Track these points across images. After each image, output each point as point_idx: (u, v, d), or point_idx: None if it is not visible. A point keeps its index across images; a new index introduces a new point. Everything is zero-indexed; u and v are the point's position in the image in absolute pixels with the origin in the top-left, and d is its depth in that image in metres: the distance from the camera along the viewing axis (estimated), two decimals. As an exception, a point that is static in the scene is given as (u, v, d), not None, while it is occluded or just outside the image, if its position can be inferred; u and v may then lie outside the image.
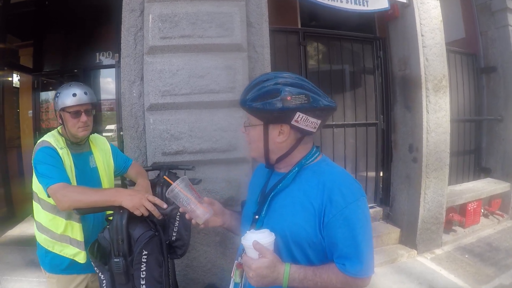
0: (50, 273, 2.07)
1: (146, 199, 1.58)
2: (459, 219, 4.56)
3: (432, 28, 4.03)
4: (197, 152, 2.89)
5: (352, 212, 1.13)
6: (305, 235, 1.16)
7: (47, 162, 1.88)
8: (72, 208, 1.72)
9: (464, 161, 5.43)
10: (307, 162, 1.27)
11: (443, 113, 4.08)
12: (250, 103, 1.20)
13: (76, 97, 2.00)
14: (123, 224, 1.52)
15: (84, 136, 2.10)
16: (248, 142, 1.31)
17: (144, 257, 1.51)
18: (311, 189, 1.19)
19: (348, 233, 1.12)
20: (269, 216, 1.25)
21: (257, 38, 3.08)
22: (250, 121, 1.27)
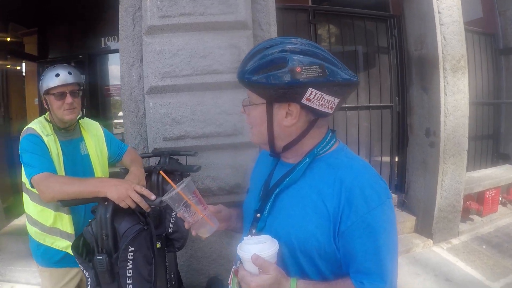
0: (42, 267, 1.98)
1: (133, 190, 1.41)
2: (476, 208, 4.39)
3: (449, 5, 3.81)
4: (200, 137, 2.73)
5: (375, 219, 0.90)
6: (316, 244, 0.94)
7: (31, 150, 1.76)
8: (56, 200, 1.59)
9: (482, 147, 5.24)
10: (321, 152, 1.03)
11: (461, 95, 3.88)
12: (249, 76, 0.95)
13: (59, 77, 1.86)
14: (108, 218, 1.36)
15: (71, 120, 1.96)
16: (249, 125, 1.08)
17: (130, 254, 1.35)
18: (326, 187, 0.96)
19: (369, 245, 0.90)
20: (273, 217, 1.03)
21: (262, 15, 2.90)
22: (250, 99, 1.03)
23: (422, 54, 4.00)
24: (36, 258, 1.99)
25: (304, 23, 3.96)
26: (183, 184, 1.05)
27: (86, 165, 2.06)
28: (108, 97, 5.98)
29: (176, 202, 1.05)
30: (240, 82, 1.01)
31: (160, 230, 2.05)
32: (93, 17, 5.39)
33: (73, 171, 1.95)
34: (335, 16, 4.26)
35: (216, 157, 2.78)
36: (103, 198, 1.42)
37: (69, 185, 1.58)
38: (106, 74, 5.95)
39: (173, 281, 2.35)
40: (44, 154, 1.78)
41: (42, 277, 2.02)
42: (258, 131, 1.03)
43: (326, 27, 4.26)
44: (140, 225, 1.42)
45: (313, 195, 0.97)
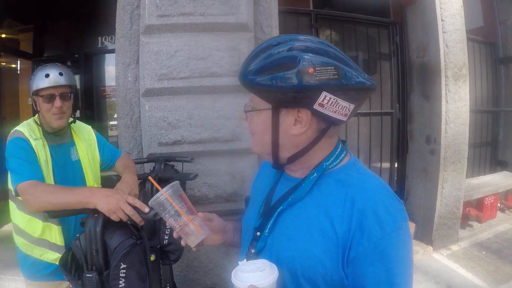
0: (30, 280, 1.86)
1: (125, 201, 1.29)
2: (476, 214, 4.41)
3: (452, 13, 3.80)
4: (196, 142, 2.64)
5: (390, 245, 0.79)
6: (322, 271, 0.82)
7: (17, 155, 1.65)
8: (42, 211, 1.48)
9: (480, 154, 5.26)
10: (331, 166, 0.91)
11: (462, 103, 3.87)
12: (253, 77, 0.83)
13: (49, 78, 1.74)
14: (97, 231, 1.25)
15: (60, 127, 1.83)
16: (250, 132, 0.96)
17: (122, 272, 1.24)
18: (335, 208, 0.84)
19: (382, 274, 0.79)
20: (275, 237, 0.91)
21: (264, 18, 2.82)
22: (253, 104, 0.90)
23: (424, 62, 3.97)
24: (23, 270, 1.87)
25: (306, 27, 3.90)
26: (170, 189, 0.97)
27: (77, 172, 1.95)
28: (104, 98, 5.87)
29: (161, 207, 0.97)
30: (242, 84, 0.89)
31: (155, 242, 1.96)
32: (91, 16, 5.29)
33: (63, 178, 1.84)
34: (337, 21, 4.20)
35: (214, 164, 2.69)
36: (93, 210, 1.31)
37: (56, 194, 1.46)
38: (103, 74, 5.84)
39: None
40: (31, 160, 1.67)
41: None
42: (261, 139, 0.91)
43: (328, 31, 4.21)
44: (133, 239, 1.31)
45: (321, 216, 0.85)
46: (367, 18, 4.23)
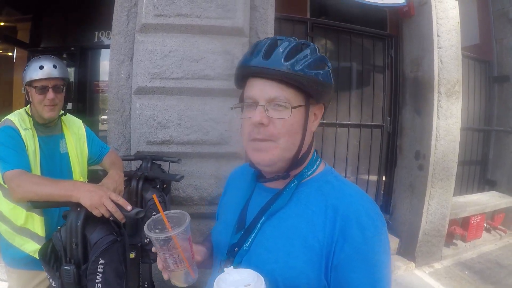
0: (10, 267, 1.86)
1: (108, 198, 1.30)
2: (461, 233, 4.39)
3: (449, 29, 3.81)
4: (185, 143, 2.64)
5: (372, 249, 0.79)
6: (306, 282, 0.80)
7: (6, 144, 1.66)
8: (26, 200, 1.50)
9: (469, 172, 5.24)
10: (309, 173, 0.91)
11: (454, 120, 3.88)
12: (307, 70, 0.80)
13: (43, 70, 1.76)
14: (78, 225, 1.26)
15: (51, 118, 1.85)
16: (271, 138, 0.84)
17: (100, 267, 1.25)
18: (316, 217, 0.83)
19: (365, 279, 0.79)
20: (253, 251, 0.87)
21: (260, 24, 2.84)
22: (288, 100, 0.82)
23: (417, 76, 3.98)
24: (4, 258, 1.87)
25: (301, 35, 3.90)
26: (180, 228, 0.82)
27: (64, 164, 1.96)
28: (97, 93, 5.84)
29: (161, 243, 0.84)
30: (269, 72, 0.81)
31: (136, 240, 1.95)
32: (89, 10, 5.27)
33: (50, 170, 1.84)
34: (333, 30, 4.21)
35: (200, 166, 2.69)
36: (76, 204, 1.32)
37: (41, 185, 1.47)
38: (97, 69, 5.82)
39: (147, 293, 2.25)
40: (19, 150, 1.68)
41: (10, 278, 1.91)
42: (291, 142, 0.84)
43: (323, 41, 4.21)
44: (113, 235, 1.31)
45: (302, 225, 0.83)
46: (363, 29, 4.24)
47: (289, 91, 0.82)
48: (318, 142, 4.13)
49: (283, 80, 0.81)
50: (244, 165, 1.10)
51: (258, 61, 0.82)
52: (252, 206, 0.94)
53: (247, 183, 1.00)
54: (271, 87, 0.82)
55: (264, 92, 0.82)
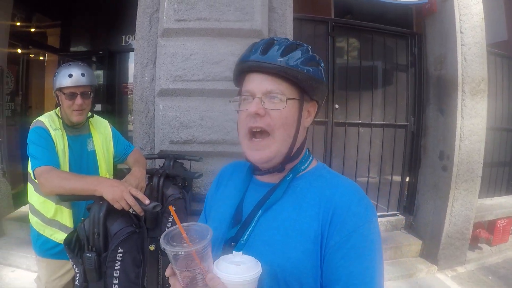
0: (40, 257, 2.01)
1: (128, 192, 1.41)
2: (486, 236, 4.27)
3: (472, 25, 3.72)
4: (206, 143, 2.71)
5: (362, 236, 0.82)
6: (303, 272, 0.83)
7: (37, 143, 1.80)
8: (54, 194, 1.64)
9: (497, 173, 5.08)
10: (303, 168, 0.95)
11: (479, 120, 3.78)
12: (302, 66, 0.85)
13: (72, 78, 1.88)
14: (100, 217, 1.37)
15: (79, 122, 1.99)
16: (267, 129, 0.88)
17: (119, 255, 1.35)
18: (310, 208, 0.86)
19: (354, 267, 0.81)
20: (250, 245, 0.88)
21: (279, 25, 2.87)
22: (283, 93, 0.87)
23: (441, 75, 3.91)
24: (35, 247, 2.01)
25: (323, 35, 3.91)
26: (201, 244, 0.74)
27: (91, 162, 2.09)
28: (126, 95, 6.01)
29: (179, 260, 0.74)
30: (265, 66, 0.86)
31: (156, 233, 2.03)
32: (116, 14, 5.43)
33: (78, 167, 1.98)
34: (355, 30, 4.19)
35: (221, 165, 2.69)
36: (99, 197, 1.44)
37: (68, 180, 1.60)
38: (125, 71, 5.98)
39: (166, 284, 2.32)
40: (49, 148, 1.81)
41: (39, 267, 2.05)
42: (286, 134, 0.89)
43: (344, 40, 4.20)
44: (132, 227, 1.42)
45: (298, 216, 0.86)
46: (385, 28, 4.20)
47: (284, 85, 0.87)
48: (340, 142, 4.13)
49: (278, 74, 0.86)
50: (235, 162, 1.15)
51: (256, 57, 0.88)
52: (247, 201, 0.97)
53: (241, 179, 1.03)
54: (268, 80, 0.87)
55: (261, 85, 0.88)
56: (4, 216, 4.00)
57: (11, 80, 5.07)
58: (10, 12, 4.17)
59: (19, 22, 5.50)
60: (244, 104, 0.91)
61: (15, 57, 5.39)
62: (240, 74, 0.95)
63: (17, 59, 5.48)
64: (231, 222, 0.95)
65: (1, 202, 3.98)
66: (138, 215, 1.47)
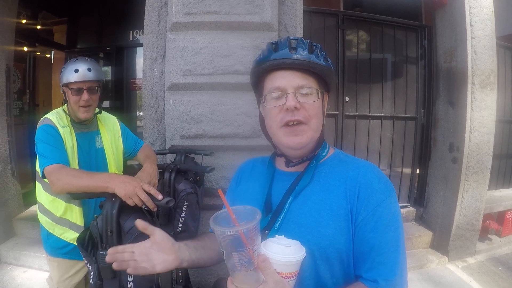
0: (51, 256, 2.00)
1: (141, 188, 1.40)
2: (496, 228, 4.27)
3: (482, 18, 3.69)
4: (217, 137, 2.71)
5: (386, 209, 0.92)
6: (339, 247, 0.91)
7: (46, 141, 1.78)
8: (65, 192, 1.60)
9: (506, 165, 5.07)
10: (324, 155, 1.05)
11: (488, 112, 3.76)
12: (320, 59, 0.95)
13: (78, 73, 1.86)
14: (113, 214, 1.35)
15: (86, 118, 1.96)
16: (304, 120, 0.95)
17: None
18: (336, 188, 0.95)
19: (383, 236, 0.90)
20: (285, 230, 0.94)
21: (289, 18, 2.85)
22: (313, 86, 0.96)
23: (451, 67, 3.89)
24: (45, 247, 2.00)
25: (332, 28, 3.89)
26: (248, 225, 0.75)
27: (100, 159, 2.06)
28: (134, 90, 6.02)
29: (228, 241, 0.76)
30: (298, 63, 0.93)
31: (169, 229, 2.03)
32: (123, 10, 5.43)
33: (87, 164, 1.96)
34: (364, 22, 4.16)
35: (233, 159, 2.75)
36: (111, 194, 1.42)
37: (79, 178, 1.58)
38: (133, 67, 5.98)
39: (180, 279, 2.33)
40: (58, 146, 1.79)
41: (51, 266, 2.04)
42: (319, 123, 1.00)
43: (354, 33, 4.17)
44: None
45: (326, 197, 0.95)
46: (395, 20, 4.17)
47: (312, 79, 0.97)
48: (351, 135, 4.13)
49: (306, 70, 0.95)
50: (253, 159, 1.22)
51: (286, 54, 0.94)
52: (275, 190, 1.04)
53: (264, 173, 1.11)
54: (297, 76, 0.95)
55: (292, 81, 0.95)
56: (15, 216, 3.99)
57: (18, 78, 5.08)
58: (15, 10, 4.15)
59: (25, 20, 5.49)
60: (273, 101, 0.97)
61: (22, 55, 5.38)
62: (263, 73, 1.00)
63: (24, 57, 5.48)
64: (262, 212, 0.99)
65: (11, 202, 3.96)
66: (150, 211, 1.46)
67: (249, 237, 0.75)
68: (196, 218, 2.10)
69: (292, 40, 0.97)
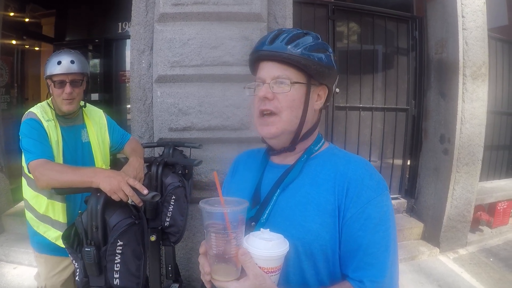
0: (38, 253, 1.96)
1: (126, 183, 1.36)
2: (487, 219, 4.30)
3: (474, 9, 3.67)
4: (205, 129, 2.68)
5: (377, 208, 0.88)
6: (323, 243, 0.89)
7: (30, 135, 1.73)
8: (50, 187, 1.57)
9: (497, 157, 5.09)
10: (316, 149, 1.02)
11: (480, 103, 3.75)
12: (306, 52, 0.92)
13: (60, 65, 1.81)
14: (98, 209, 1.31)
15: (69, 111, 1.91)
16: (275, 110, 0.95)
17: (119, 248, 1.30)
18: (326, 183, 0.92)
19: (372, 235, 0.87)
20: (271, 222, 0.93)
21: (279, 8, 2.82)
22: (288, 78, 0.94)
23: (442, 58, 3.87)
24: (32, 244, 1.97)
25: (323, 19, 3.86)
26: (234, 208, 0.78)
27: (86, 153, 2.02)
28: (123, 83, 5.97)
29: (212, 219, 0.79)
30: (272, 54, 0.94)
31: (156, 223, 2.01)
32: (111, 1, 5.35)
33: (73, 158, 1.92)
34: (355, 13, 4.13)
35: (221, 151, 2.73)
36: (96, 189, 1.38)
37: (63, 173, 1.54)
38: (122, 59, 5.92)
39: (170, 274, 2.32)
40: (42, 140, 1.75)
41: (38, 263, 2.01)
42: (293, 115, 0.95)
43: (345, 24, 4.14)
44: (132, 218, 1.37)
45: (314, 192, 0.93)
46: (386, 11, 4.15)
47: (291, 70, 0.94)
48: (341, 126, 4.12)
49: (284, 61, 0.94)
50: (250, 150, 1.22)
51: (266, 47, 0.96)
52: (265, 182, 1.02)
53: (257, 164, 1.09)
54: (276, 67, 0.95)
55: (270, 72, 0.96)
56: (4, 212, 3.94)
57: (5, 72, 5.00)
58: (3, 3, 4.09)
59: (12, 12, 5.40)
60: (256, 90, 0.99)
61: (9, 48, 5.30)
62: (254, 64, 1.03)
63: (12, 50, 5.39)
64: (250, 203, 0.98)
65: (0, 198, 3.91)
66: (137, 205, 1.43)
67: (233, 222, 0.77)
68: (184, 212, 2.07)
69: (278, 32, 0.98)
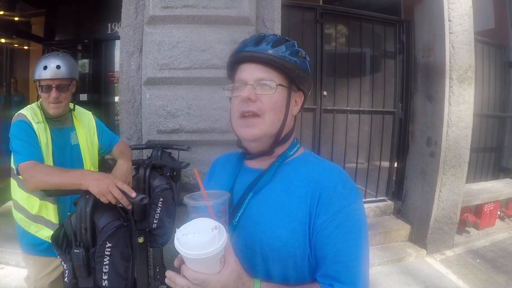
0: (27, 254, 1.96)
1: (114, 185, 1.38)
2: (473, 220, 4.34)
3: (461, 13, 3.72)
4: (194, 132, 2.70)
5: (348, 216, 0.87)
6: (291, 251, 0.88)
7: (20, 137, 1.74)
8: (39, 189, 1.58)
9: (483, 159, 5.14)
10: (291, 154, 1.01)
11: (466, 106, 3.80)
12: (289, 56, 0.92)
13: (46, 70, 1.82)
14: (87, 211, 1.33)
15: (55, 115, 1.92)
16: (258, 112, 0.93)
17: (107, 250, 1.32)
18: (298, 189, 0.91)
19: (341, 244, 0.86)
20: (242, 226, 0.94)
21: (267, 12, 2.84)
22: (273, 80, 0.93)
23: (429, 62, 3.92)
24: (21, 245, 1.97)
25: (311, 22, 3.88)
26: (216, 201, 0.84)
27: (75, 155, 2.03)
28: (112, 83, 5.94)
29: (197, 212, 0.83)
30: (258, 56, 0.93)
31: (144, 225, 2.02)
32: (101, 2, 5.35)
33: (62, 161, 1.93)
34: (343, 17, 4.16)
35: (209, 154, 2.74)
36: (85, 191, 1.40)
37: (52, 175, 1.56)
38: (112, 60, 5.89)
39: (158, 276, 2.32)
40: (32, 142, 1.76)
41: (27, 264, 2.01)
42: (276, 118, 0.95)
43: (333, 27, 4.17)
44: (120, 221, 1.39)
45: (286, 198, 0.92)
46: (374, 15, 4.19)
47: (274, 73, 0.94)
48: (329, 129, 4.14)
49: (269, 63, 0.94)
50: (228, 154, 1.22)
51: (250, 48, 0.95)
52: (238, 186, 1.02)
53: (232, 167, 1.09)
54: (259, 69, 0.94)
55: (253, 74, 0.94)
56: (-10, 212, 3.90)
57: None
58: (-8, 2, 4.04)
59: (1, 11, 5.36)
60: (236, 91, 0.97)
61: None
62: (234, 65, 1.01)
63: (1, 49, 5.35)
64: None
65: (-13, 198, 3.86)
66: (125, 208, 1.45)
67: (216, 213, 0.83)
68: (172, 214, 2.09)
69: (261, 35, 0.98)
